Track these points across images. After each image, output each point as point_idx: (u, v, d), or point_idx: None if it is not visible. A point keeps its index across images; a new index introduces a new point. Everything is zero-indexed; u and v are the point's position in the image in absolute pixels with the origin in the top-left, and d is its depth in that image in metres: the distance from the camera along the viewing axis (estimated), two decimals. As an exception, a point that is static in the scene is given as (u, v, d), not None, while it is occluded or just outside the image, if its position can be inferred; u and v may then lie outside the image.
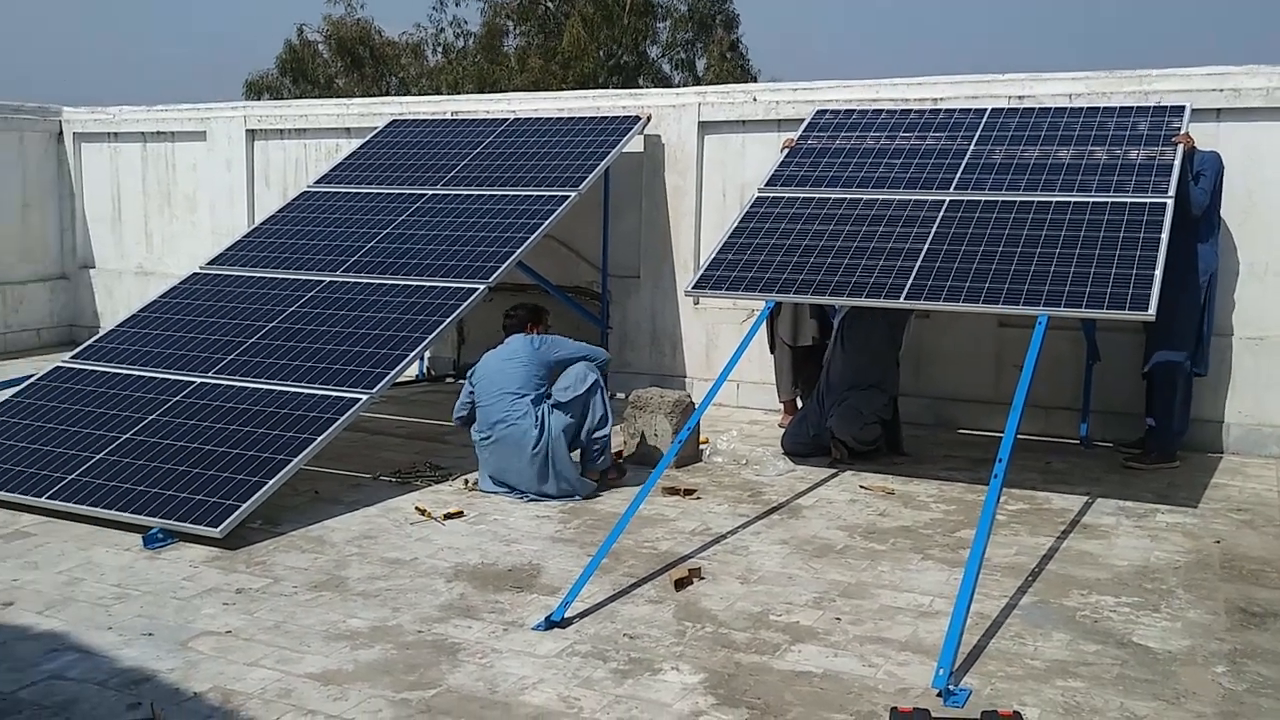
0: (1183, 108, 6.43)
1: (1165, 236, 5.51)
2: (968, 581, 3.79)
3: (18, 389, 6.36)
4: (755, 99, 7.88)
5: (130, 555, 4.68)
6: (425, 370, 8.81)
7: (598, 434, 5.70)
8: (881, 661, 3.70)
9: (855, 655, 3.75)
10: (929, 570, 4.58)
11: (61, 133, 10.57)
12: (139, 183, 10.37)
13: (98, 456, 5.43)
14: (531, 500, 5.49)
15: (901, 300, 5.56)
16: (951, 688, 3.44)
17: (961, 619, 3.66)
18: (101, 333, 6.82)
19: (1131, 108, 6.60)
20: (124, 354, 6.44)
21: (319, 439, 5.32)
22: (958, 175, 6.42)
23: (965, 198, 6.21)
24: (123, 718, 3.26)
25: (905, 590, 4.35)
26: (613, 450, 5.89)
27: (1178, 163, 6.00)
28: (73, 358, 6.55)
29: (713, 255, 6.22)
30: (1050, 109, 6.83)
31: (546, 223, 6.93)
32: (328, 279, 6.82)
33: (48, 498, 5.17)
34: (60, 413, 5.94)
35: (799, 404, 7.23)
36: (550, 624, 3.95)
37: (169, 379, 6.08)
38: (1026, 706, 3.33)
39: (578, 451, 5.74)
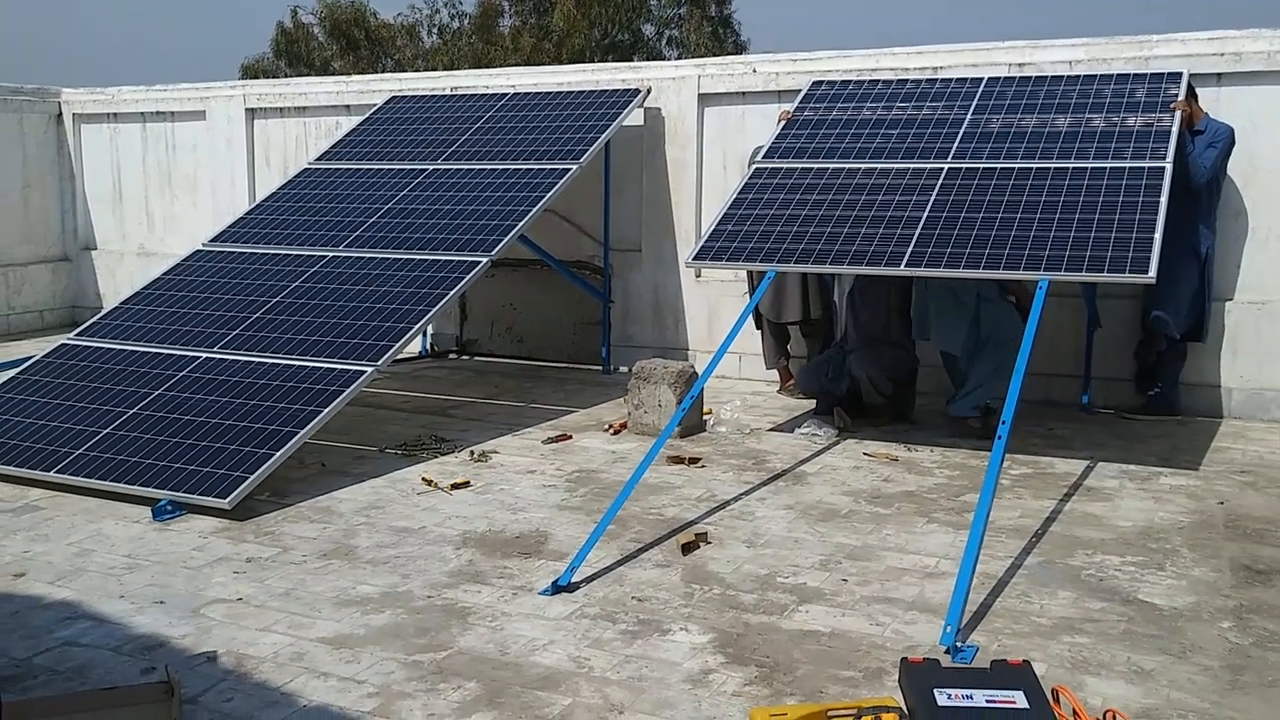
0: (1179, 74, 6.43)
1: (1164, 200, 5.52)
2: (973, 541, 3.82)
3: (21, 367, 6.37)
4: (755, 70, 7.87)
5: (140, 527, 4.71)
6: (429, 346, 8.82)
7: None
8: (889, 620, 3.73)
9: (862, 615, 3.78)
10: (934, 533, 4.61)
11: (60, 114, 10.54)
12: (139, 163, 10.35)
13: (105, 431, 5.46)
14: None
15: (902, 268, 5.57)
16: (959, 644, 3.47)
17: (968, 577, 3.69)
18: (105, 310, 6.83)
19: (1129, 75, 6.59)
20: (129, 330, 6.46)
21: (325, 411, 5.35)
22: (955, 144, 6.42)
23: (964, 166, 6.22)
24: (137, 681, 3.29)
25: (911, 552, 4.38)
26: (618, 420, 5.86)
27: (1175, 129, 6.00)
28: (77, 335, 6.56)
29: (712, 226, 6.22)
30: (1048, 77, 6.82)
31: (548, 196, 6.94)
32: (331, 254, 6.84)
33: (56, 472, 5.20)
34: (66, 389, 5.96)
35: (791, 371, 7.32)
36: (558, 588, 3.99)
37: (174, 354, 6.10)
38: (1035, 661, 3.36)
39: None
